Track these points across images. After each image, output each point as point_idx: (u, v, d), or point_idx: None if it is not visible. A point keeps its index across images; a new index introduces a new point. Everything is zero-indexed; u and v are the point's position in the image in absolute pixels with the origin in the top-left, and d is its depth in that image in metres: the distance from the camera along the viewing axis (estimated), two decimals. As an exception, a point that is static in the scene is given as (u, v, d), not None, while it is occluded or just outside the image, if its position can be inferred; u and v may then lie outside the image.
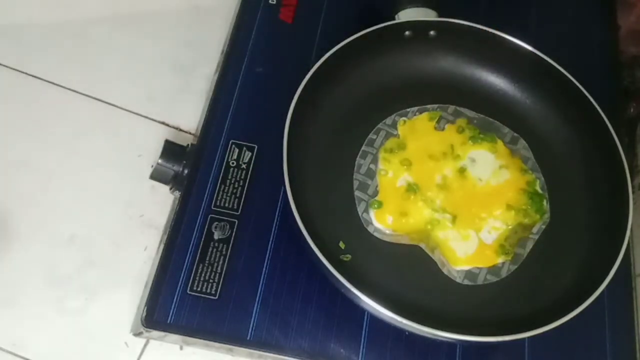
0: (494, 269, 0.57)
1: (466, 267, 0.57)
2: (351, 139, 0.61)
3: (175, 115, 0.72)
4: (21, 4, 0.77)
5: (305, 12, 0.70)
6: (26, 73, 0.72)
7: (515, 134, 0.63)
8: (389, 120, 0.62)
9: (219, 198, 0.59)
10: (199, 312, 0.55)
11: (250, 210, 0.59)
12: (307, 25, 0.70)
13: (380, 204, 0.58)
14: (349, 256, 0.56)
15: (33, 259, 0.63)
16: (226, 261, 0.57)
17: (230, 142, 0.62)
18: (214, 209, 0.59)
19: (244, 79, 0.66)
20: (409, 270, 0.56)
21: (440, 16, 0.63)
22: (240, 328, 0.55)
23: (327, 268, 0.49)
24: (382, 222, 0.58)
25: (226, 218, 0.59)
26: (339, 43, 0.59)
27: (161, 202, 0.67)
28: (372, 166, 0.60)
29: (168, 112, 0.72)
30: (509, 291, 0.56)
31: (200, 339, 0.55)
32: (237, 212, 0.59)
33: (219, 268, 0.57)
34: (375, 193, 0.59)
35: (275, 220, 0.59)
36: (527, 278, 0.57)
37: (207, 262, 0.57)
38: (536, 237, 0.59)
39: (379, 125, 0.62)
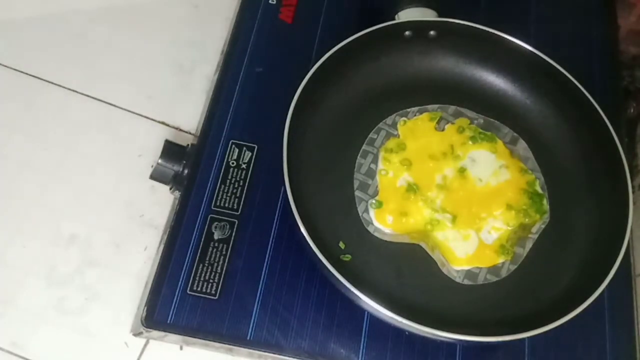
0: (494, 269, 0.57)
1: (466, 267, 0.57)
2: (351, 138, 0.61)
3: (175, 115, 0.72)
4: (21, 4, 0.77)
5: (305, 12, 0.70)
6: (26, 73, 0.72)
7: (515, 134, 0.63)
8: (389, 120, 0.62)
9: (219, 198, 0.59)
10: (199, 312, 0.55)
11: (250, 210, 0.59)
12: (307, 25, 0.70)
13: (380, 204, 0.58)
14: (349, 256, 0.56)
15: (33, 259, 0.63)
16: (226, 261, 0.57)
17: (230, 142, 0.62)
18: (214, 209, 0.59)
19: (244, 79, 0.66)
20: (409, 270, 0.56)
21: (440, 16, 0.63)
22: (240, 328, 0.55)
23: (327, 268, 0.49)
24: (382, 222, 0.58)
25: (226, 218, 0.59)
26: (339, 43, 0.59)
27: (161, 202, 0.67)
28: (373, 166, 0.60)
29: (168, 112, 0.72)
30: (509, 291, 0.56)
31: (200, 339, 0.55)
32: (237, 212, 0.59)
33: (219, 268, 0.57)
34: (376, 193, 0.59)
35: (275, 220, 0.59)
36: (527, 278, 0.57)
37: (207, 262, 0.57)
38: (536, 236, 0.59)
39: (380, 125, 0.62)
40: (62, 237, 0.64)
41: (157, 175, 0.61)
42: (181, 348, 0.61)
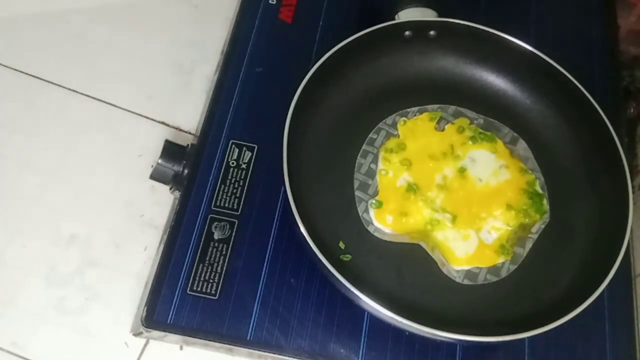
0: (493, 269, 0.57)
1: (466, 267, 0.57)
2: (351, 138, 0.61)
3: (175, 115, 0.72)
4: (21, 4, 0.77)
5: (305, 12, 0.70)
6: (26, 73, 0.72)
7: (515, 134, 0.63)
8: (389, 120, 0.62)
9: (219, 198, 0.59)
10: (199, 312, 0.55)
11: (250, 210, 0.59)
12: (307, 25, 0.70)
13: (380, 204, 0.58)
14: (349, 256, 0.56)
15: (33, 259, 0.63)
16: (226, 261, 0.57)
17: (230, 142, 0.62)
18: (214, 209, 0.59)
19: (244, 79, 0.66)
20: (409, 270, 0.56)
21: (440, 16, 0.63)
22: (240, 328, 0.55)
23: (327, 268, 0.49)
24: (382, 222, 0.58)
25: (226, 218, 0.59)
26: (339, 43, 0.59)
27: (161, 202, 0.67)
28: (373, 166, 0.60)
29: (168, 112, 0.72)
30: (509, 291, 0.56)
31: (200, 339, 0.55)
32: (237, 212, 0.59)
33: (219, 268, 0.57)
34: (376, 193, 0.59)
35: (275, 220, 0.59)
36: (527, 278, 0.57)
37: (207, 262, 0.57)
38: (536, 236, 0.59)
39: (380, 125, 0.62)
40: (62, 237, 0.64)
41: (157, 175, 0.61)
42: (181, 348, 0.61)
